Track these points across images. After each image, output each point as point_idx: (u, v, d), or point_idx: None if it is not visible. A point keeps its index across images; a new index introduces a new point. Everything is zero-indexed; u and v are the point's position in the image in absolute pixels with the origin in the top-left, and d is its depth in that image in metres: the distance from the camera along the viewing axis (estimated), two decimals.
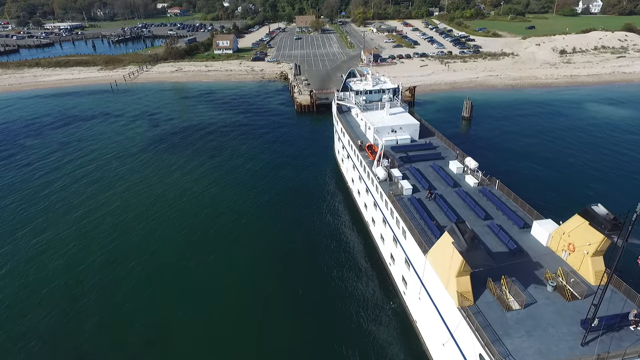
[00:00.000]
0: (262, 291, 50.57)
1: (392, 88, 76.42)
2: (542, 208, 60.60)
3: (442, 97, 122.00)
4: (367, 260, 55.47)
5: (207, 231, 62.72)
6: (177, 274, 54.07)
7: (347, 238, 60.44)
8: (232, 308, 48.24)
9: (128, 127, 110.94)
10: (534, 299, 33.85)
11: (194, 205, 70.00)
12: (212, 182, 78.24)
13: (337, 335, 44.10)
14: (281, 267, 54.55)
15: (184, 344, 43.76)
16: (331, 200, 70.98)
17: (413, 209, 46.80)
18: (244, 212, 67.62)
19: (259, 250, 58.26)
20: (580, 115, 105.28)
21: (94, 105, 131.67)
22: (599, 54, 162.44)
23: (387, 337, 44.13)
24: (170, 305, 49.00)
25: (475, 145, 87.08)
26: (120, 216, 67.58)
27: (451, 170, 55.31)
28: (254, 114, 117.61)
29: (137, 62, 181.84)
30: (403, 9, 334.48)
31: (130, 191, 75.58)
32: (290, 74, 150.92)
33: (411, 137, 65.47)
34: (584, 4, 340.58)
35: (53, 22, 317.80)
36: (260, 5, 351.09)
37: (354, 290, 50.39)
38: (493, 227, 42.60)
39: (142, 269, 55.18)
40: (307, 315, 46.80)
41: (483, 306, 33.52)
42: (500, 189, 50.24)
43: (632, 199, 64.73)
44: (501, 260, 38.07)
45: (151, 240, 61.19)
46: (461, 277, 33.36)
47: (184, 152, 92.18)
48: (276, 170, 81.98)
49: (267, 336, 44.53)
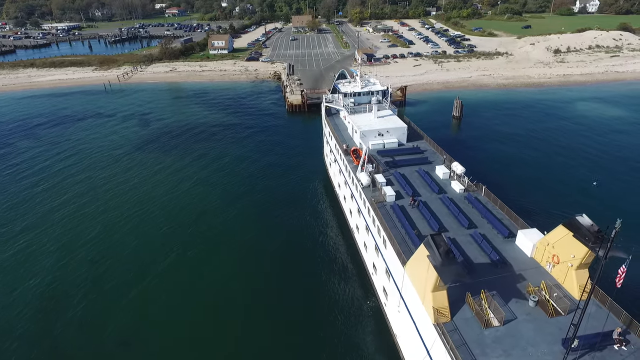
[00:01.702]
0: (242, 292, 49.35)
1: (381, 90, 74.01)
2: (530, 213, 58.95)
3: (434, 96, 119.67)
4: (351, 269, 53.26)
5: (188, 231, 61.56)
6: (157, 273, 52.94)
7: (332, 244, 58.28)
8: (212, 308, 47.19)
9: (119, 127, 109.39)
10: (515, 315, 31.60)
11: (177, 205, 68.87)
12: (196, 181, 76.86)
13: (316, 344, 42.24)
14: (262, 270, 52.99)
15: (163, 344, 42.73)
16: (317, 204, 68.71)
17: (395, 217, 44.52)
18: (226, 213, 66.03)
19: (241, 251, 56.74)
20: (570, 115, 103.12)
21: (86, 105, 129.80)
22: (593, 54, 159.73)
23: (366, 349, 42.02)
24: (151, 304, 47.98)
25: (464, 146, 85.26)
26: (103, 215, 66.52)
27: (437, 175, 52.99)
28: (245, 114, 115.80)
29: (132, 62, 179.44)
30: (400, 9, 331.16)
31: (114, 190, 74.48)
32: (284, 73, 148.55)
33: (398, 140, 63.10)
34: (581, 4, 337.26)
35: (51, 23, 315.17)
36: (258, 5, 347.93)
37: (335, 298, 48.35)
38: (476, 237, 40.30)
39: (123, 268, 54.04)
40: (286, 320, 45.15)
41: (460, 323, 31.27)
42: (486, 196, 47.92)
43: (620, 202, 63.75)
44: (483, 273, 35.85)
45: (132, 239, 60.16)
46: (437, 292, 31.12)
47: (171, 152, 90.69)
48: (262, 171, 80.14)
49: (246, 338, 43.24)
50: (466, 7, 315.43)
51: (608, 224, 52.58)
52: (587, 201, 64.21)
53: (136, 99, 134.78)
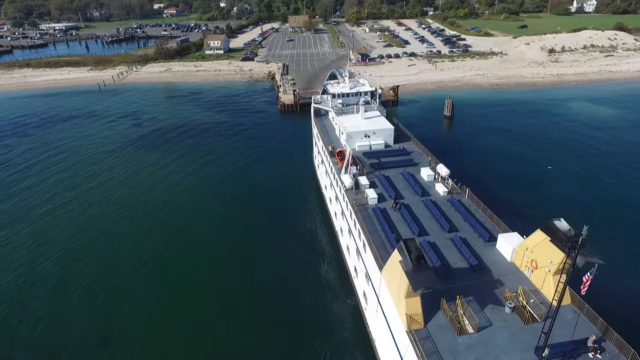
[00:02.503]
0: (223, 290, 48.92)
1: (370, 91, 73.04)
2: (516, 214, 58.26)
3: (427, 96, 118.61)
4: (335, 271, 52.26)
5: (169, 228, 61.24)
6: (135, 270, 52.64)
7: (318, 246, 57.30)
8: (188, 307, 46.63)
9: (110, 126, 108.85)
10: (490, 322, 30.67)
11: (159, 202, 68.62)
12: (181, 179, 76.61)
13: (294, 344, 41.42)
14: (244, 268, 52.42)
15: (137, 343, 42.32)
16: (305, 205, 67.61)
17: (376, 220, 43.58)
18: (209, 211, 65.60)
19: (221, 250, 56.34)
20: (562, 114, 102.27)
21: (80, 105, 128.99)
22: (588, 53, 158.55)
23: (346, 351, 41.15)
24: (127, 302, 47.67)
25: (453, 145, 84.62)
26: (85, 213, 66.35)
27: (422, 177, 52.00)
28: (237, 113, 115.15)
29: (127, 62, 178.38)
30: (397, 9, 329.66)
31: (98, 188, 74.48)
32: (278, 73, 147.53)
33: (385, 142, 62.10)
34: (578, 3, 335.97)
35: (48, 23, 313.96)
36: (256, 6, 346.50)
37: (317, 300, 47.40)
38: (456, 241, 39.34)
39: (101, 265, 53.76)
40: (265, 319, 44.59)
41: (434, 330, 30.35)
42: (470, 198, 46.94)
43: (605, 203, 62.88)
44: (461, 278, 34.91)
45: (113, 236, 59.88)
46: (410, 298, 30.18)
47: (158, 151, 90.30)
48: (249, 171, 79.39)
49: (225, 335, 42.91)
50: (463, 7, 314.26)
51: (592, 224, 51.16)
52: (574, 199, 63.44)
53: (130, 99, 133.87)
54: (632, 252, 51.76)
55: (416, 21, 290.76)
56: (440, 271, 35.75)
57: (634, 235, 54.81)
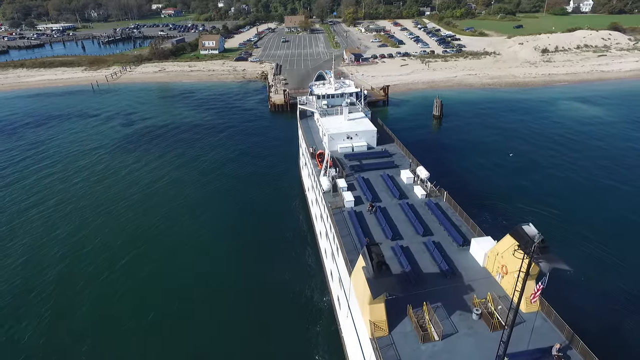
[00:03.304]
0: (200, 291, 48.53)
1: (355, 92, 72.14)
2: (496, 218, 57.31)
3: (418, 96, 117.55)
4: (314, 275, 51.38)
5: (154, 227, 61.04)
6: (118, 270, 52.59)
7: (298, 247, 56.39)
8: (171, 305, 46.40)
9: (100, 126, 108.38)
10: (456, 329, 29.76)
11: (145, 202, 68.45)
12: (168, 179, 76.38)
13: (269, 343, 40.99)
14: (225, 265, 52.34)
15: (121, 341, 42.18)
16: (289, 207, 66.62)
17: (350, 224, 42.66)
18: (193, 211, 65.04)
19: (207, 248, 56.03)
20: (549, 114, 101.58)
21: (72, 105, 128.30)
22: (581, 53, 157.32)
23: (318, 355, 40.34)
24: (110, 301, 47.62)
25: (439, 145, 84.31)
26: (70, 213, 66.04)
27: (401, 180, 51.01)
28: (227, 113, 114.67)
29: (122, 62, 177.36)
30: (394, 9, 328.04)
31: (85, 188, 74.26)
32: (271, 73, 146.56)
33: (368, 143, 61.13)
34: (575, 3, 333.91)
35: (46, 24, 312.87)
36: (254, 6, 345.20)
37: (293, 301, 46.68)
38: (429, 245, 38.40)
39: (85, 265, 53.64)
40: (244, 318, 44.40)
41: (398, 337, 29.44)
42: (447, 201, 46.02)
43: (587, 203, 62.01)
44: (431, 283, 34.00)
45: (98, 236, 59.66)
46: (374, 305, 29.28)
47: (148, 150, 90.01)
48: (233, 171, 78.79)
49: (201, 331, 42.80)
50: (460, 7, 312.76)
51: (573, 229, 49.70)
52: (556, 200, 62.46)
53: (122, 99, 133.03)
54: (607, 258, 50.67)
55: (412, 21, 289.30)
56: (410, 276, 34.86)
57: (610, 241, 53.54)
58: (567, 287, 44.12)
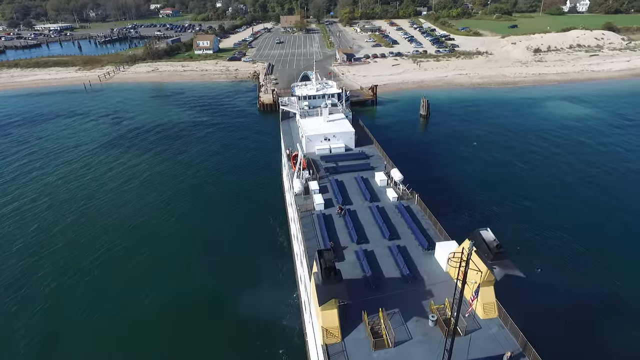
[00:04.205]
0: (168, 292, 47.70)
1: (337, 93, 71.33)
2: (467, 221, 56.07)
3: (407, 95, 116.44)
4: (283, 277, 50.53)
5: (126, 226, 60.56)
6: (82, 270, 52.05)
7: (274, 249, 55.52)
8: (133, 308, 45.68)
9: (88, 125, 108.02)
10: (410, 335, 28.85)
11: (121, 201, 68.21)
12: (148, 178, 76.32)
13: (234, 345, 40.27)
14: (197, 263, 51.83)
15: (82, 343, 41.60)
16: (266, 207, 65.65)
17: (318, 227, 41.77)
18: (168, 209, 64.69)
19: (178, 245, 55.57)
20: (536, 112, 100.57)
21: (63, 104, 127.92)
22: (573, 53, 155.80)
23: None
24: (70, 300, 47.16)
25: (422, 144, 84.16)
26: (47, 209, 66.03)
27: (375, 182, 50.05)
28: (217, 112, 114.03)
29: (116, 62, 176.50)
30: (391, 9, 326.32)
31: (65, 185, 74.27)
32: (262, 73, 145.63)
33: (346, 145, 60.20)
34: (572, 3, 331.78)
35: (44, 24, 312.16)
36: (251, 5, 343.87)
37: (262, 304, 45.55)
38: (394, 249, 37.44)
39: (50, 264, 53.06)
40: (208, 319, 43.65)
41: (351, 344, 28.53)
42: (418, 204, 45.09)
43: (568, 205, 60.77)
44: (391, 288, 33.07)
45: (70, 234, 59.21)
46: (326, 311, 28.38)
47: (132, 149, 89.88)
48: (219, 168, 78.49)
49: (166, 338, 41.91)
50: (456, 7, 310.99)
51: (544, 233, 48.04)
52: (532, 202, 61.34)
53: (114, 99, 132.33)
54: (572, 264, 49.38)
55: (409, 21, 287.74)
56: (370, 281, 33.97)
57: (580, 245, 52.25)
58: (531, 293, 42.73)
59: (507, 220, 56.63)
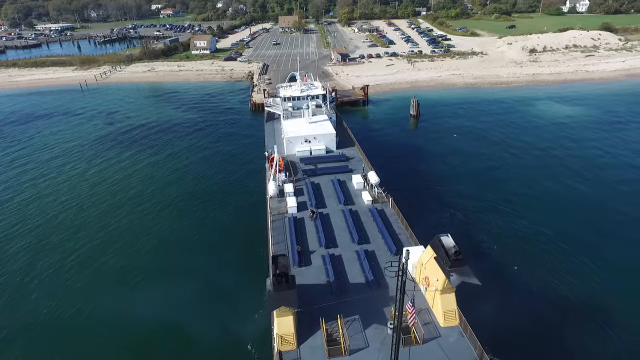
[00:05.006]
0: (148, 289, 46.59)
1: (322, 94, 70.40)
2: (444, 224, 53.84)
3: (399, 96, 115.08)
4: (260, 279, 49.36)
5: (115, 221, 60.47)
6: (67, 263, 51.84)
7: (250, 251, 54.42)
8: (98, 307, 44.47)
9: (81, 124, 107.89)
10: (367, 343, 27.95)
11: (107, 197, 67.89)
12: (133, 173, 76.00)
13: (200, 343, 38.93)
14: (177, 261, 50.54)
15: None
16: (247, 209, 64.07)
17: (288, 230, 40.91)
18: (155, 205, 63.98)
19: (160, 240, 54.76)
20: (526, 112, 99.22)
21: (58, 103, 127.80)
22: (568, 53, 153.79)
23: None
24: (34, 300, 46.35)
25: (409, 145, 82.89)
26: (34, 204, 66.31)
27: (352, 185, 49.14)
28: (209, 112, 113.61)
29: (113, 62, 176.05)
30: (390, 9, 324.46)
31: (54, 180, 74.64)
32: (257, 73, 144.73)
33: (327, 147, 59.36)
34: (571, 3, 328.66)
35: (45, 24, 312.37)
36: (251, 6, 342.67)
37: (234, 307, 44.45)
38: (361, 254, 36.54)
39: (22, 259, 52.96)
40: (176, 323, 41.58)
41: (306, 351, 27.65)
42: (392, 208, 44.15)
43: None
44: (353, 294, 32.17)
45: (57, 231, 58.80)
46: (281, 317, 27.51)
47: (122, 147, 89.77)
48: (205, 167, 77.66)
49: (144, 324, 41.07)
50: (455, 7, 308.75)
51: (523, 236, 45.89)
52: (506, 202, 59.70)
53: (108, 98, 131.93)
54: (542, 266, 47.38)
55: (407, 21, 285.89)
56: (333, 286, 33.06)
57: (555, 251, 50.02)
58: (491, 299, 39.94)
59: (485, 221, 54.95)
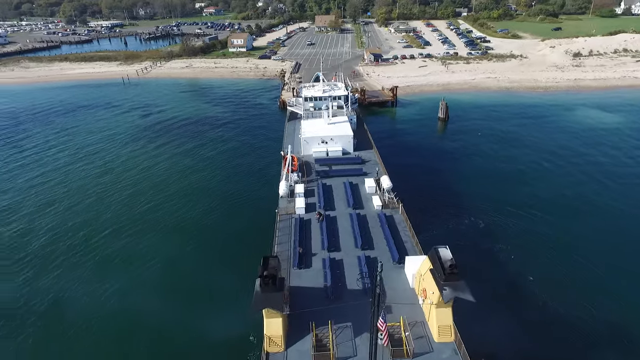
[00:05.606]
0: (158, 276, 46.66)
1: (344, 95, 69.63)
2: (458, 233, 51.09)
3: (429, 98, 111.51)
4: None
5: (140, 209, 61.59)
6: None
7: (256, 250, 54.09)
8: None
9: (121, 116, 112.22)
10: (356, 352, 27.08)
11: (138, 186, 69.19)
12: (163, 167, 77.09)
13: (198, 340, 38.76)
14: (185, 253, 50.51)
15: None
16: (264, 207, 64.12)
17: (293, 231, 40.61)
18: (180, 198, 64.23)
19: (181, 237, 54.18)
20: (561, 120, 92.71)
21: (101, 96, 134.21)
22: (617, 58, 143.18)
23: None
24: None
25: (435, 148, 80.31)
26: (65, 190, 68.94)
27: (364, 189, 48.14)
28: (239, 108, 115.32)
29: (154, 58, 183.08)
30: (429, 9, 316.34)
31: (88, 167, 78.18)
32: (289, 71, 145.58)
33: (344, 149, 58.48)
34: (626, 5, 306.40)
35: (97, 21, 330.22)
36: (290, 5, 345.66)
37: (233, 306, 44.57)
38: (362, 260, 35.57)
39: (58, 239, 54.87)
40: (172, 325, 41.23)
41: (293, 355, 27.15)
42: (402, 214, 42.76)
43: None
44: (350, 300, 31.31)
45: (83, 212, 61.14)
46: (270, 319, 27.19)
47: (156, 139, 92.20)
48: (223, 166, 77.62)
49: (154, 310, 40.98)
50: (498, 8, 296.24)
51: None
52: (536, 208, 55.97)
53: (147, 92, 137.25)
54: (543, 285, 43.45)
55: (446, 22, 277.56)
56: (329, 291, 32.37)
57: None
58: (486, 316, 36.57)
59: (500, 232, 51.78)
